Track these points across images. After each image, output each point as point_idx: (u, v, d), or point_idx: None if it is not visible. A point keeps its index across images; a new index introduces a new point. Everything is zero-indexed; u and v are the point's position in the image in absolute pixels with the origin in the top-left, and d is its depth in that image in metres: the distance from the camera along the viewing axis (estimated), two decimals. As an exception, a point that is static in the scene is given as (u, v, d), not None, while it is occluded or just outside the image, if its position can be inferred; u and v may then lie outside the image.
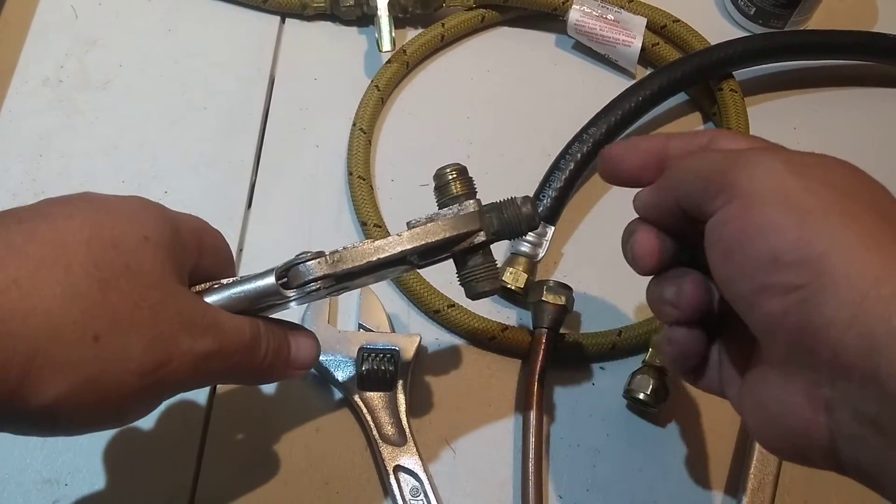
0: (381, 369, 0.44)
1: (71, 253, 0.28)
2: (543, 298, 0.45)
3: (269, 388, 0.45)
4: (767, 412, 0.30)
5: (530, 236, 0.48)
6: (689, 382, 0.36)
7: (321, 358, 0.44)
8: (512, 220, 0.36)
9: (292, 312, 0.44)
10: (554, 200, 0.50)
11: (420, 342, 0.45)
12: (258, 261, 0.49)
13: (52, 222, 0.28)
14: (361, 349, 0.44)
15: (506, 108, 0.57)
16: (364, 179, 0.51)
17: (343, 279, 0.34)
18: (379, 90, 0.55)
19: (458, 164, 0.37)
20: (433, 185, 0.37)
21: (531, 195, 0.50)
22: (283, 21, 0.59)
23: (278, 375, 0.36)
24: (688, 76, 0.54)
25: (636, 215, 0.36)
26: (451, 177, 0.36)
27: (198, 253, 0.33)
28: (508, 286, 0.48)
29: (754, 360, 0.32)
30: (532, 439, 0.44)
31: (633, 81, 0.57)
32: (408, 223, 0.36)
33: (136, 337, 0.29)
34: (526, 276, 0.48)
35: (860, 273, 0.26)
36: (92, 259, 0.28)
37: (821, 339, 0.26)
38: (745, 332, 0.33)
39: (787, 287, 0.27)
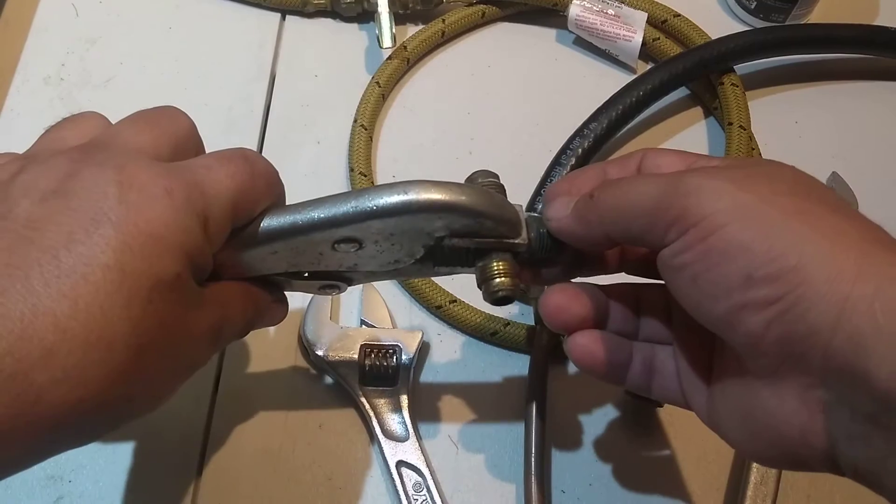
0: (383, 365, 0.44)
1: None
2: (545, 294, 0.45)
3: (272, 386, 0.45)
4: (756, 423, 0.29)
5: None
6: (643, 394, 0.36)
7: (324, 354, 0.44)
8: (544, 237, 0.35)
9: (296, 310, 0.44)
10: (555, 196, 0.50)
11: (422, 338, 0.45)
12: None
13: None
14: (364, 345, 0.44)
15: (507, 103, 0.57)
16: (365, 176, 0.52)
17: None
18: (380, 86, 0.55)
19: (496, 177, 0.36)
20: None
21: (532, 191, 0.50)
22: (283, 18, 0.59)
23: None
24: (689, 71, 0.54)
25: None
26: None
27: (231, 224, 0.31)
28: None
29: (725, 371, 0.32)
30: (534, 434, 0.44)
31: (634, 76, 0.56)
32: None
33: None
34: (528, 271, 0.48)
35: (837, 275, 0.25)
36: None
37: (809, 345, 0.26)
38: (701, 342, 0.33)
39: (766, 301, 0.26)
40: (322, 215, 0.31)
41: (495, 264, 0.34)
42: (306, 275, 0.35)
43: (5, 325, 0.23)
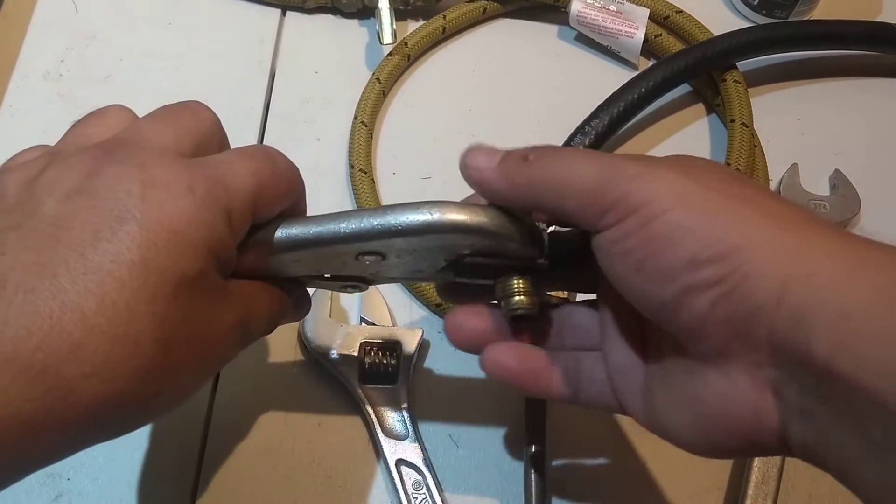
0: (383, 363, 0.44)
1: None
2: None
3: (272, 384, 0.45)
4: (706, 408, 0.29)
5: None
6: (570, 404, 0.36)
7: (324, 352, 0.44)
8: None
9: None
10: (556, 193, 0.50)
11: (422, 335, 0.45)
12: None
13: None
14: (363, 343, 0.44)
15: (508, 100, 0.57)
16: (366, 173, 0.51)
17: None
18: (380, 83, 0.54)
19: None
20: None
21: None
22: (283, 14, 0.59)
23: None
24: (691, 67, 0.54)
25: None
26: None
27: (251, 219, 0.31)
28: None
29: (665, 365, 0.31)
30: (535, 432, 0.44)
31: (636, 73, 0.56)
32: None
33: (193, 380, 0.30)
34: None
35: (779, 253, 0.26)
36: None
37: (754, 323, 0.26)
38: (633, 340, 0.33)
39: (711, 282, 0.27)
40: (347, 230, 0.32)
41: (515, 282, 0.34)
42: (328, 276, 0.36)
43: (34, 322, 0.24)
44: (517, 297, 0.34)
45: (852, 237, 0.27)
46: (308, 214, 0.34)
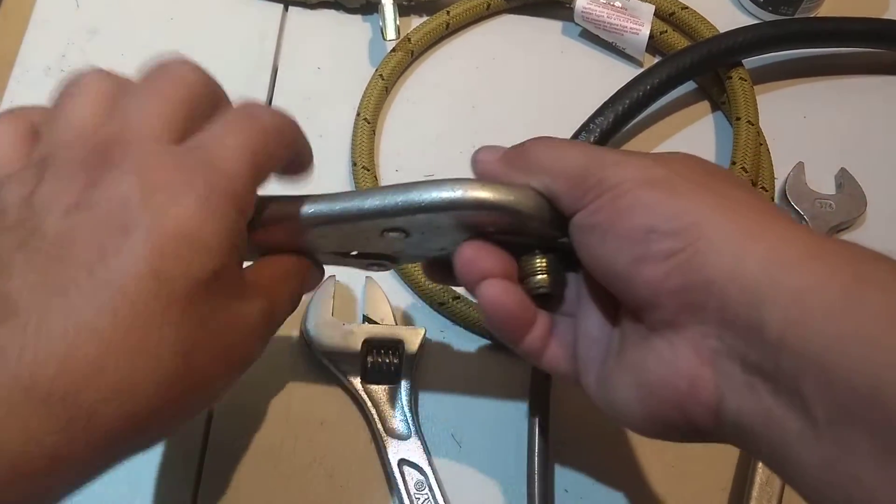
0: (385, 362, 0.44)
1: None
2: (550, 290, 0.45)
3: (273, 383, 0.45)
4: (647, 374, 0.30)
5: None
6: (531, 362, 0.36)
7: (326, 351, 0.44)
8: None
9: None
10: (560, 191, 0.50)
11: (425, 334, 0.45)
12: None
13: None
14: (366, 342, 0.44)
15: (511, 97, 0.56)
16: (368, 170, 0.51)
17: None
18: (383, 79, 0.54)
19: None
20: None
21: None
22: (286, 9, 0.58)
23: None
24: (696, 64, 0.53)
25: None
26: None
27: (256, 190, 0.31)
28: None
29: (624, 336, 0.32)
30: (538, 432, 0.43)
31: (641, 70, 0.56)
32: None
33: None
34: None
35: (736, 233, 0.27)
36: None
37: (705, 294, 0.27)
38: (605, 313, 0.34)
39: (666, 253, 0.28)
40: (371, 206, 0.32)
41: (538, 260, 0.34)
42: (354, 253, 0.36)
43: (51, 346, 0.24)
44: (539, 276, 0.34)
45: (813, 231, 0.28)
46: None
